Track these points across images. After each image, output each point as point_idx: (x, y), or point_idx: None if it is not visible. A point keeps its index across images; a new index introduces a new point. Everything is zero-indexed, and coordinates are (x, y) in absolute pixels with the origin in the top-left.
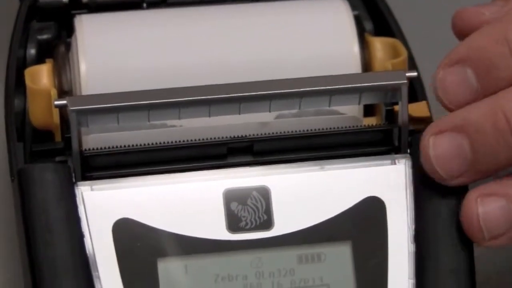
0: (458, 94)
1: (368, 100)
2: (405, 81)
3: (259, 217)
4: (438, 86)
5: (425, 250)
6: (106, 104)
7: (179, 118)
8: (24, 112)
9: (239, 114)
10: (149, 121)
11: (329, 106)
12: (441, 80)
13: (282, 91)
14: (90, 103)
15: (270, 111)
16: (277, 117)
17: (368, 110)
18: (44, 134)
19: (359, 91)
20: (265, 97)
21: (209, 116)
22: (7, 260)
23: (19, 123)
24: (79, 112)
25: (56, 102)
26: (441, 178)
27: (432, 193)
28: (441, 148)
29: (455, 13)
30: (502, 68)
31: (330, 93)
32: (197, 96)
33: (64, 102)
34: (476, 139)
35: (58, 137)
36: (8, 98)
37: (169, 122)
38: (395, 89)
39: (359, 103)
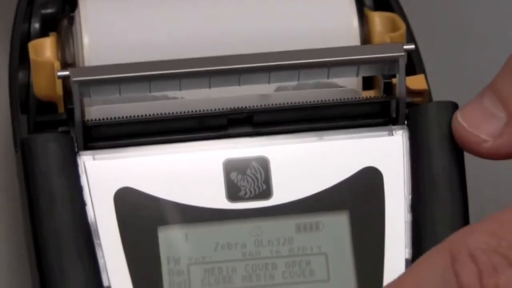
0: None
1: (366, 72)
2: (403, 53)
3: (258, 187)
4: None
5: (421, 219)
6: (107, 75)
7: (180, 89)
8: (28, 86)
9: (239, 85)
10: (150, 92)
11: (328, 78)
12: None
13: (281, 63)
14: (92, 74)
15: (269, 83)
16: (277, 90)
17: (367, 84)
18: (48, 107)
19: (357, 63)
20: (264, 69)
21: (209, 87)
22: (10, 233)
23: (23, 96)
24: (81, 83)
25: (59, 73)
26: None
27: (429, 164)
28: None
29: (454, 122)
30: None
31: (329, 65)
32: (197, 68)
33: (67, 73)
34: None
35: (61, 109)
36: (12, 71)
37: (170, 94)
38: (393, 61)
39: (357, 75)
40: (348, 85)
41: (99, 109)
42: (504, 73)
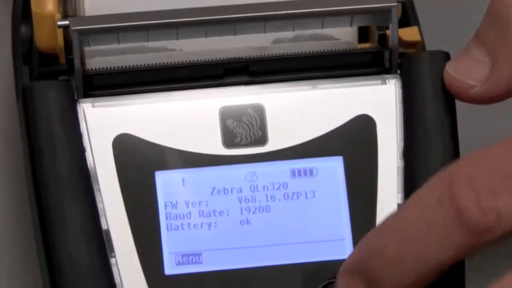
0: None
1: (359, 22)
2: (395, 4)
3: (253, 133)
4: None
5: (413, 166)
6: (106, 24)
7: (177, 38)
8: (31, 39)
9: (235, 35)
10: (148, 41)
11: (322, 28)
12: None
13: (276, 12)
14: (91, 23)
15: (264, 32)
16: (274, 42)
17: (363, 37)
18: (50, 60)
19: (351, 13)
20: (260, 18)
21: (206, 36)
22: (11, 186)
23: (25, 48)
24: (81, 32)
25: (59, 23)
26: None
27: (421, 111)
28: None
29: (444, 73)
30: (384, 279)
31: (323, 15)
32: (194, 17)
33: (67, 22)
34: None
35: (62, 61)
36: (15, 24)
37: (169, 46)
38: (386, 11)
39: (351, 25)
40: (343, 37)
41: (99, 60)
42: (486, 22)
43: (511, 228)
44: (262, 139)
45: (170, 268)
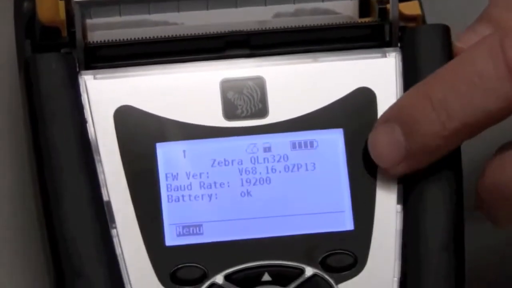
0: (389, 154)
1: None
2: None
3: (254, 106)
4: (370, 147)
5: None
6: None
7: (178, 10)
8: (33, 14)
9: (236, 7)
10: (149, 13)
11: (323, 1)
12: (372, 140)
13: None
14: None
15: (265, 5)
16: (275, 16)
17: (363, 12)
18: (52, 34)
19: None
20: None
21: (207, 8)
22: (13, 158)
23: (28, 23)
24: (82, 4)
25: None
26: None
27: None
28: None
29: (453, 46)
30: (426, 123)
31: None
32: None
33: None
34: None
35: (64, 34)
36: None
37: (170, 20)
38: None
39: None
40: (344, 11)
41: (101, 34)
42: (493, 3)
43: None
44: (262, 112)
45: (171, 239)
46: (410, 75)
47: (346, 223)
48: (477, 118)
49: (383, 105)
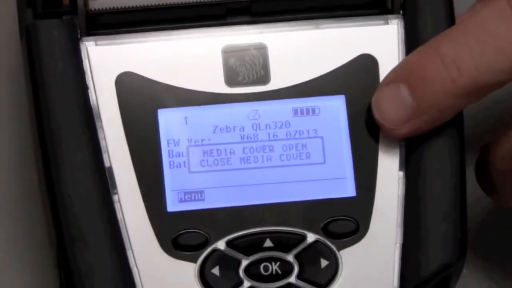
0: (395, 113)
1: None
2: None
3: (256, 72)
4: (374, 106)
5: None
6: None
7: None
8: None
9: None
10: None
11: None
12: (377, 99)
13: None
14: None
15: None
16: None
17: None
18: (53, 2)
19: None
20: None
21: None
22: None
23: None
24: None
25: None
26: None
27: None
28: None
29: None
30: (436, 80)
31: None
32: None
33: None
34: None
35: (66, 3)
36: None
37: None
38: None
39: None
40: None
41: (102, 2)
42: None
43: None
44: (264, 78)
45: (172, 205)
46: (412, 42)
47: (348, 189)
48: (489, 77)
49: (385, 72)
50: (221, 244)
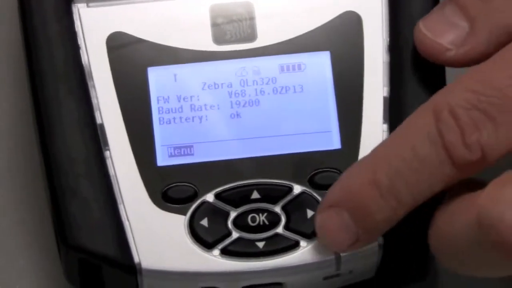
0: (340, 238)
1: None
2: None
3: (243, 30)
4: (319, 232)
5: (399, 59)
6: None
7: None
8: None
9: None
10: None
11: None
12: (321, 225)
13: None
14: None
15: None
16: None
17: None
18: None
19: None
20: None
21: None
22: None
23: None
24: None
25: None
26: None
27: (406, 7)
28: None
29: (416, 31)
30: (376, 211)
31: None
32: None
33: None
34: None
35: None
36: None
37: None
38: None
39: None
40: None
41: None
42: None
43: (496, 158)
44: (251, 36)
45: (162, 159)
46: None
47: (334, 142)
48: (425, 198)
49: (368, 29)
50: (209, 197)
